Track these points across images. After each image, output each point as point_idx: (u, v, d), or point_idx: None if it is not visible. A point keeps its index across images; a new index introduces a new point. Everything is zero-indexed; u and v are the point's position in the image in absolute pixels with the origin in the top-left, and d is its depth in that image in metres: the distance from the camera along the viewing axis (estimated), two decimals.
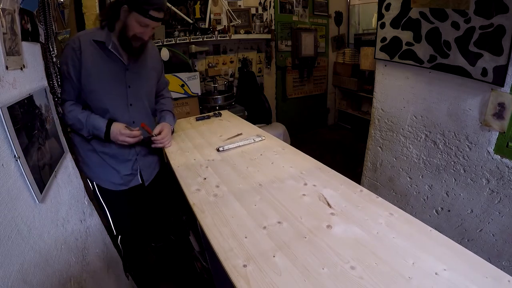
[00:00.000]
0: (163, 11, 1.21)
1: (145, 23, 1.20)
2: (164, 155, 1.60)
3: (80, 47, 1.27)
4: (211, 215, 1.02)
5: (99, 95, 1.34)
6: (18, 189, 0.76)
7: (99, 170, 1.45)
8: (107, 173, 1.45)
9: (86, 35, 1.31)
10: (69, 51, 1.27)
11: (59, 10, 2.01)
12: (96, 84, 1.32)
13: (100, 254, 1.26)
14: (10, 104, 0.76)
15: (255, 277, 0.76)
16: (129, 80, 1.39)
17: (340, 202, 1.06)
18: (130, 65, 1.38)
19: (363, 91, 3.79)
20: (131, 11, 1.19)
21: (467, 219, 1.54)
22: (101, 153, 1.42)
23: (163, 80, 1.67)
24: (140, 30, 1.23)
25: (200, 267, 1.73)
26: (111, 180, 1.47)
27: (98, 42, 1.29)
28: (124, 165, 1.46)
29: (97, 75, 1.31)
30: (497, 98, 1.30)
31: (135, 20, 1.20)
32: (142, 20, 1.19)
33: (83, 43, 1.28)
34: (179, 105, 2.60)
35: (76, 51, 1.27)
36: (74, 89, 1.32)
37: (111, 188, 1.48)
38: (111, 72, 1.34)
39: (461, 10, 1.34)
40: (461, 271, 0.74)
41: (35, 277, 0.76)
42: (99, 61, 1.31)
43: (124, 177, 1.48)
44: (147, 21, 1.20)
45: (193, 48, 3.00)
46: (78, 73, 1.29)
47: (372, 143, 2.04)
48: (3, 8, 0.79)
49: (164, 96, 1.67)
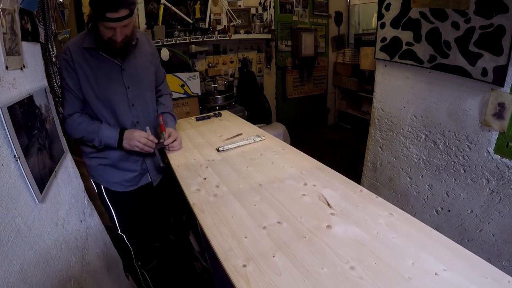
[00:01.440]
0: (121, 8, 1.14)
1: (108, 26, 1.18)
2: (165, 155, 1.60)
3: (71, 57, 1.26)
4: (211, 215, 1.02)
5: (101, 101, 1.34)
6: (18, 189, 0.76)
7: (107, 174, 1.46)
8: (116, 175, 1.46)
9: (74, 44, 1.29)
10: (63, 64, 1.27)
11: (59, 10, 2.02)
12: (95, 91, 1.32)
13: (100, 254, 1.26)
14: (10, 104, 0.77)
15: (255, 277, 0.76)
16: (126, 81, 1.37)
17: (340, 202, 1.06)
18: (125, 65, 1.36)
19: (363, 91, 3.79)
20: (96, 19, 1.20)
21: (467, 219, 1.54)
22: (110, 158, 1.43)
23: (161, 71, 1.63)
24: (110, 34, 1.21)
25: (200, 267, 1.73)
26: (120, 182, 1.47)
27: (88, 48, 1.28)
28: (133, 166, 1.48)
29: (95, 82, 1.31)
30: (497, 98, 1.30)
31: (102, 26, 1.20)
32: (105, 24, 1.18)
33: (73, 53, 1.27)
34: (179, 105, 2.60)
35: (69, 62, 1.26)
36: (78, 99, 1.33)
37: (119, 190, 1.48)
38: (108, 76, 1.33)
39: (461, 10, 1.34)
40: (461, 271, 0.74)
41: (35, 277, 0.76)
42: (94, 67, 1.30)
43: (133, 178, 1.50)
44: (108, 24, 1.17)
45: (193, 48, 3.00)
46: (77, 83, 1.29)
47: (372, 143, 2.04)
48: (3, 8, 0.79)
49: (162, 93, 1.64)
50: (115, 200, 1.51)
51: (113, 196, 1.50)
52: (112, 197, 1.50)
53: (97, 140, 1.33)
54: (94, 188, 1.49)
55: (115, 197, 1.50)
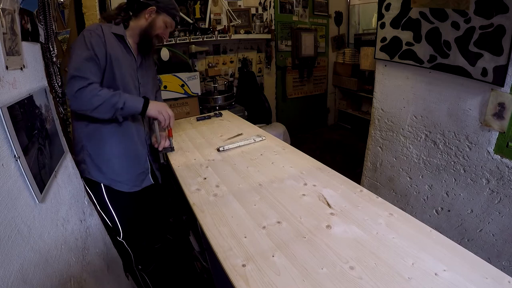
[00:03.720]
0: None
1: (171, 24, 1.34)
2: (164, 154, 1.60)
3: (103, 34, 1.25)
4: (210, 214, 1.02)
5: (118, 86, 1.30)
6: (18, 189, 0.76)
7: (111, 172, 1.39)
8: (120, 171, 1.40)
9: (104, 26, 1.29)
10: (94, 36, 1.23)
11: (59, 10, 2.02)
12: (116, 74, 1.29)
13: (100, 254, 1.26)
14: (10, 104, 0.76)
15: (254, 277, 0.76)
16: (140, 77, 1.41)
17: (340, 202, 1.06)
18: (139, 62, 1.40)
19: (363, 91, 3.79)
20: (159, 12, 1.29)
21: (467, 219, 1.54)
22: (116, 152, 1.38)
23: (157, 78, 1.71)
24: (164, 31, 1.34)
25: (200, 267, 1.73)
26: (124, 182, 1.42)
27: (117, 35, 1.29)
28: (137, 161, 1.45)
29: (119, 66, 1.29)
30: (497, 98, 1.30)
31: (163, 21, 1.31)
32: (169, 21, 1.32)
33: (105, 32, 1.26)
34: (179, 105, 2.59)
35: (101, 37, 1.24)
36: (100, 72, 1.25)
37: (124, 189, 1.42)
38: (128, 66, 1.35)
39: (461, 10, 1.34)
40: (461, 272, 0.74)
41: (35, 277, 0.76)
42: (119, 53, 1.30)
43: (137, 176, 1.46)
44: (173, 23, 1.34)
45: (193, 48, 3.00)
46: (104, 58, 1.24)
47: (372, 143, 2.04)
48: (3, 8, 0.79)
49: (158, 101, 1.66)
50: (117, 202, 1.45)
51: (115, 198, 1.44)
52: (114, 200, 1.44)
53: (120, 102, 1.22)
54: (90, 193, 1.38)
55: (117, 199, 1.44)
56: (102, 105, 1.21)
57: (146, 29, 1.30)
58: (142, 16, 1.30)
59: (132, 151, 1.42)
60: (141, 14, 1.30)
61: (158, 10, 1.29)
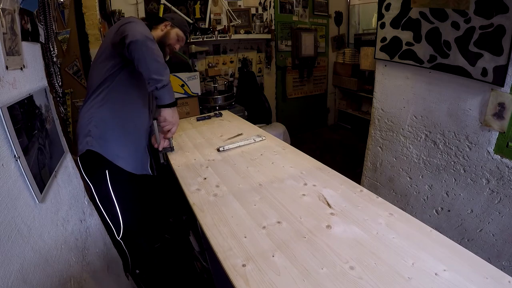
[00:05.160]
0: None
1: (182, 39, 1.57)
2: (164, 154, 1.60)
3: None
4: (210, 214, 1.02)
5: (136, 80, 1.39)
6: (18, 189, 0.76)
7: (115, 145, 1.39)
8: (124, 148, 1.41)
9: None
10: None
11: (59, 10, 2.02)
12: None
13: (100, 254, 1.26)
14: (10, 104, 0.77)
15: (254, 277, 0.76)
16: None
17: (340, 202, 1.06)
18: None
19: (363, 91, 3.79)
20: (173, 26, 1.53)
21: (467, 219, 1.54)
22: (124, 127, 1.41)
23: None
24: (175, 43, 1.55)
25: (200, 267, 1.73)
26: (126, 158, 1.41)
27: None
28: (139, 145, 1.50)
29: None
30: (497, 98, 1.30)
31: (176, 33, 1.53)
32: (181, 36, 1.55)
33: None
34: (179, 105, 2.59)
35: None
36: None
37: (126, 167, 1.41)
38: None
39: (461, 10, 1.34)
40: (461, 272, 0.74)
41: (35, 277, 0.76)
42: None
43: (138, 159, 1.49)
44: (184, 38, 1.58)
45: (193, 48, 3.00)
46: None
47: (372, 143, 2.04)
48: (3, 8, 0.79)
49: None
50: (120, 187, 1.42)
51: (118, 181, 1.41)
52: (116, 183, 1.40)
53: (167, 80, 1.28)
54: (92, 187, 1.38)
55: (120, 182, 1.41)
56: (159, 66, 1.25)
57: (161, 38, 1.50)
58: (159, 28, 1.52)
59: (135, 132, 1.48)
60: (158, 26, 1.53)
61: (173, 24, 1.53)
